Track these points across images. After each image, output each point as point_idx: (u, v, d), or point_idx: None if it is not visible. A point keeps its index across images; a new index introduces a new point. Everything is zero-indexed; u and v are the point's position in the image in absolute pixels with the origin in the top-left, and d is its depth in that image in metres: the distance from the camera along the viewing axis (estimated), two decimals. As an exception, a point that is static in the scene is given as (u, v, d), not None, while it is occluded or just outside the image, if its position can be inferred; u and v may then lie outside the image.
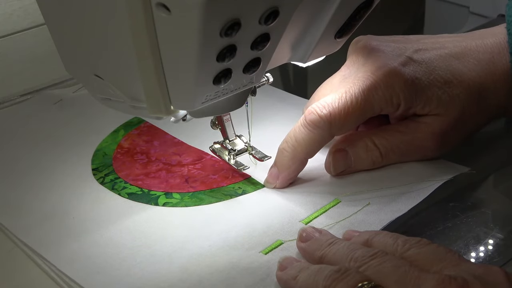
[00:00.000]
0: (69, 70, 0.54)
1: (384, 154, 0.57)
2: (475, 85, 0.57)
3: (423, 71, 0.57)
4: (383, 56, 0.58)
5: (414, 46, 0.59)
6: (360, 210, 0.54)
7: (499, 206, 0.55)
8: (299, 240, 0.49)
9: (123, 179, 0.60)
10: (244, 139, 0.59)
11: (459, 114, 0.57)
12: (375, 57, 0.58)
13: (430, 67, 0.57)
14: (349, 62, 0.61)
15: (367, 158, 0.57)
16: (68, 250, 0.52)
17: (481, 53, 0.58)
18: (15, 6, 0.76)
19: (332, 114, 0.56)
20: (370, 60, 0.58)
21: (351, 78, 0.58)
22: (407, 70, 0.57)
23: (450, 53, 0.58)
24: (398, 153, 0.58)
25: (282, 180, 0.57)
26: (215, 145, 0.60)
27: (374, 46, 0.59)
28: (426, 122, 0.57)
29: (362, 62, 0.59)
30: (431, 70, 0.57)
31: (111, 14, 0.44)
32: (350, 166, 0.58)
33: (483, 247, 0.50)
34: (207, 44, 0.42)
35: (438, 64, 0.57)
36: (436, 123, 0.57)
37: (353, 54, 0.61)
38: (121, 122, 0.69)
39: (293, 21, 0.46)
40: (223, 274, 0.48)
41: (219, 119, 0.58)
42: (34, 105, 0.74)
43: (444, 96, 0.56)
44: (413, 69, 0.57)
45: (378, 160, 0.58)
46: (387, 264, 0.42)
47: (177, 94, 0.46)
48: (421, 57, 0.58)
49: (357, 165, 0.58)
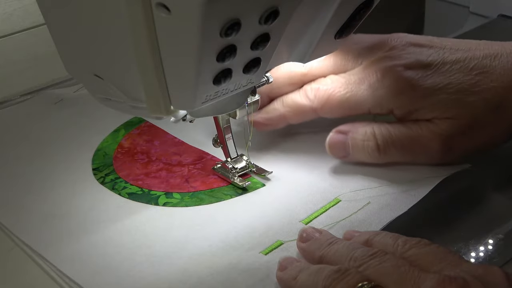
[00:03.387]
0: (69, 70, 0.54)
1: (382, 147, 0.56)
2: (494, 95, 0.55)
3: (434, 76, 0.56)
4: (395, 58, 0.57)
5: (432, 51, 0.57)
6: (361, 210, 0.54)
7: (499, 206, 0.54)
8: (299, 241, 0.49)
9: (123, 179, 0.60)
10: (245, 157, 0.60)
11: (470, 121, 0.55)
12: (388, 58, 0.57)
13: (445, 73, 0.56)
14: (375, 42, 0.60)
15: (363, 148, 0.56)
16: (68, 250, 0.52)
17: (510, 62, 0.56)
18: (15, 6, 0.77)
19: (318, 90, 0.58)
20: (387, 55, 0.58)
21: (358, 67, 0.58)
22: (410, 74, 0.56)
23: (475, 56, 0.56)
24: (400, 149, 0.56)
25: (261, 120, 0.61)
26: (217, 165, 0.60)
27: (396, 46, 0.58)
28: (435, 122, 0.55)
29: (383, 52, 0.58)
30: (445, 76, 0.55)
31: (111, 14, 0.44)
32: (348, 152, 0.57)
33: (483, 247, 0.50)
34: (207, 44, 0.42)
35: (456, 70, 0.56)
36: (445, 125, 0.55)
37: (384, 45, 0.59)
38: (122, 122, 0.69)
39: (293, 21, 0.46)
40: (223, 275, 0.48)
41: (221, 138, 0.58)
42: (35, 105, 0.74)
43: (456, 102, 0.55)
44: (420, 74, 0.56)
45: (374, 154, 0.56)
46: (387, 264, 0.42)
47: (177, 94, 0.46)
48: (437, 61, 0.56)
49: (354, 154, 0.57)
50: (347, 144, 0.57)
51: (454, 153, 0.56)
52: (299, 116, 0.61)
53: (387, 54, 0.58)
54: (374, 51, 0.59)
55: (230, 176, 0.59)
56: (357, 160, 0.57)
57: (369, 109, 0.57)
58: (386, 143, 0.56)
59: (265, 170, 0.59)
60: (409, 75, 0.56)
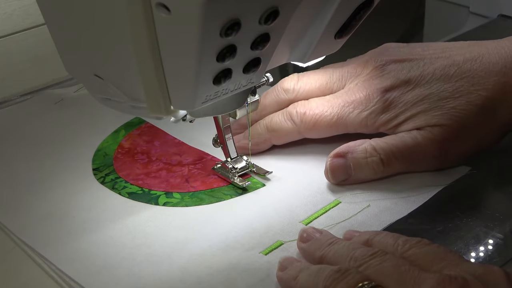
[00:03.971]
0: (69, 70, 0.54)
1: (385, 160, 0.56)
2: (477, 98, 0.55)
3: (415, 90, 0.57)
4: (376, 79, 0.59)
5: (412, 65, 0.59)
6: (360, 212, 0.54)
7: (499, 206, 0.54)
8: (299, 241, 0.49)
9: (123, 179, 0.60)
10: (245, 157, 0.60)
11: (458, 125, 0.55)
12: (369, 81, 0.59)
13: (425, 85, 0.57)
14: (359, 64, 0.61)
15: (367, 165, 0.56)
16: (68, 249, 0.52)
17: (492, 63, 0.56)
18: (15, 6, 0.77)
19: (305, 115, 0.60)
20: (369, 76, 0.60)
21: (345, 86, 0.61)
22: (391, 94, 0.57)
23: (455, 63, 0.57)
24: (401, 160, 0.56)
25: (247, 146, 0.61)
26: (217, 165, 0.60)
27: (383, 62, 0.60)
28: (427, 129, 0.56)
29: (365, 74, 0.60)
30: (425, 88, 0.57)
31: (111, 14, 0.44)
32: (350, 174, 0.56)
33: (483, 247, 0.50)
34: (207, 44, 0.42)
35: (436, 80, 0.57)
36: (436, 130, 0.56)
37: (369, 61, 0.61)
38: (122, 122, 0.69)
39: (293, 21, 0.46)
40: (223, 275, 0.48)
41: (221, 138, 0.58)
42: (35, 105, 0.75)
43: (439, 109, 0.56)
44: (402, 91, 0.57)
45: (379, 168, 0.56)
46: (387, 264, 0.42)
47: (177, 94, 0.46)
48: (417, 75, 0.58)
49: (357, 173, 0.56)
50: (348, 165, 0.56)
51: (451, 157, 0.57)
52: (284, 138, 0.62)
53: (368, 76, 0.60)
54: (357, 72, 0.61)
55: (230, 176, 0.59)
56: (359, 179, 0.57)
57: (355, 129, 0.59)
58: (388, 156, 0.56)
59: (265, 170, 0.59)
60: (390, 95, 0.58)
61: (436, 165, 0.57)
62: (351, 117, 0.59)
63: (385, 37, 0.73)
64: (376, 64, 0.60)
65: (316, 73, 0.63)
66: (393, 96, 0.58)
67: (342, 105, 0.59)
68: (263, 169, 0.59)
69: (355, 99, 0.59)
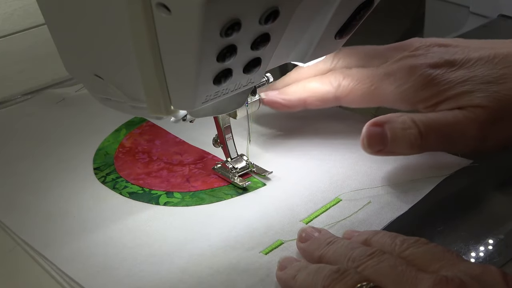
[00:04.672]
0: (69, 70, 0.54)
1: (424, 134, 0.54)
2: None
3: (459, 71, 0.57)
4: (420, 56, 0.59)
5: (457, 50, 0.59)
6: (361, 209, 0.54)
7: (499, 206, 0.54)
8: (298, 240, 0.49)
9: (124, 178, 0.60)
10: (245, 157, 0.60)
11: (499, 110, 0.55)
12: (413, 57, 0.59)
13: (470, 68, 0.57)
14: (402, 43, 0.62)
15: (404, 137, 0.54)
16: (69, 249, 0.52)
17: None
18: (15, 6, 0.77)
19: (344, 79, 0.59)
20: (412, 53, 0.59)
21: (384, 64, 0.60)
22: (435, 71, 0.57)
23: (499, 54, 0.57)
24: (439, 136, 0.55)
25: (281, 101, 0.61)
26: (217, 165, 0.60)
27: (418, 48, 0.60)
28: (469, 109, 0.55)
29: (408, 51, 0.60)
30: (470, 70, 0.56)
31: (111, 14, 0.44)
32: (386, 144, 0.54)
33: (483, 247, 0.50)
34: (207, 44, 0.42)
35: (481, 65, 0.57)
36: (479, 111, 0.55)
37: None
38: (123, 121, 0.69)
39: (293, 21, 0.46)
40: (223, 275, 0.48)
41: (221, 138, 0.59)
42: (36, 104, 0.75)
43: (482, 91, 0.55)
44: (445, 70, 0.57)
45: (416, 141, 0.54)
46: (384, 264, 0.42)
47: (177, 94, 0.46)
48: (462, 58, 0.57)
49: (393, 145, 0.54)
50: (384, 135, 0.54)
51: (489, 141, 0.56)
52: (320, 102, 0.61)
53: (412, 53, 0.59)
54: (399, 51, 0.60)
55: (230, 176, 0.59)
56: (394, 152, 0.55)
57: (392, 103, 0.58)
58: (427, 130, 0.54)
59: (265, 170, 0.59)
60: (433, 71, 0.57)
61: (472, 146, 0.56)
62: (390, 88, 0.57)
63: (385, 37, 0.73)
64: (419, 44, 0.60)
65: (356, 48, 0.63)
66: (437, 73, 0.57)
67: (382, 75, 0.58)
68: (263, 169, 0.59)
69: (397, 72, 0.58)
